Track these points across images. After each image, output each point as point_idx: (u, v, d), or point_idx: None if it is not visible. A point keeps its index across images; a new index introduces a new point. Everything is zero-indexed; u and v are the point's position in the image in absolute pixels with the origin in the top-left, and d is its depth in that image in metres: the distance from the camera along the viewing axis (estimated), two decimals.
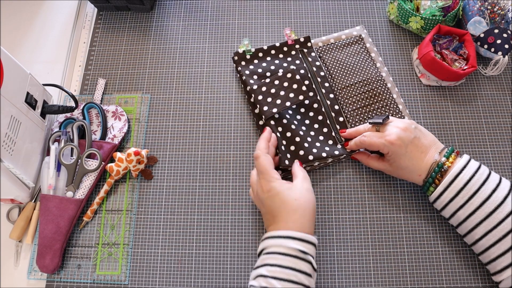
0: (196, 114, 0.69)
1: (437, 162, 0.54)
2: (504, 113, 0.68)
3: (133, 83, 0.72)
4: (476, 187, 0.52)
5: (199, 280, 0.59)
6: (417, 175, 0.56)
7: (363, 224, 0.61)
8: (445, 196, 0.54)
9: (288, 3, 0.78)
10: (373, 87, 0.68)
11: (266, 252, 0.51)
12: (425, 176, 0.56)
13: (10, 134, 0.56)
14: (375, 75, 0.69)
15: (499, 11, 0.67)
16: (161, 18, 0.78)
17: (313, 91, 0.67)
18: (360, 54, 0.71)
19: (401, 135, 0.55)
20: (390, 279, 0.58)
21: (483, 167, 0.54)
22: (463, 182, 0.53)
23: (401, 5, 0.70)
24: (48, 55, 0.76)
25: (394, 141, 0.55)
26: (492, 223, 0.51)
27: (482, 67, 0.71)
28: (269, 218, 0.54)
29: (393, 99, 0.67)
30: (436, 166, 0.54)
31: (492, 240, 0.51)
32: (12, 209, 0.64)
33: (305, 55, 0.71)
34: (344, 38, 0.73)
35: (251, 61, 0.71)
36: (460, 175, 0.53)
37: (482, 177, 0.53)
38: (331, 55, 0.71)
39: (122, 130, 0.67)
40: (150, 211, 0.63)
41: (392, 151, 0.56)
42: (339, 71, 0.69)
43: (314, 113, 0.66)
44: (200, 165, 0.66)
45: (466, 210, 0.53)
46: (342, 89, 0.68)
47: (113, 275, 0.60)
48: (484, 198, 0.52)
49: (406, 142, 0.55)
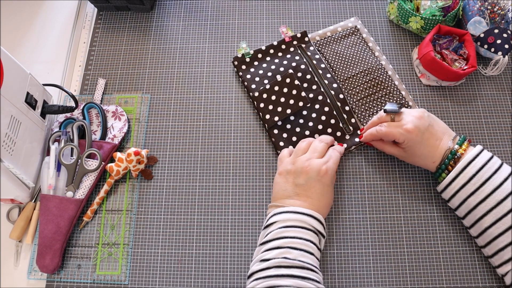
0: (196, 114, 0.69)
1: (451, 149, 0.56)
2: (504, 113, 0.68)
3: (133, 83, 0.72)
4: (488, 175, 0.53)
5: (199, 280, 0.59)
6: (431, 162, 0.57)
7: (363, 224, 0.61)
8: (456, 182, 0.55)
9: (288, 3, 0.78)
10: (374, 76, 0.69)
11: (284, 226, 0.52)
12: (439, 162, 0.57)
13: (10, 134, 0.56)
14: (375, 64, 0.70)
15: (499, 11, 0.67)
16: (161, 18, 0.78)
17: (316, 84, 0.68)
18: (358, 45, 0.72)
19: (417, 123, 0.56)
20: (390, 279, 0.58)
21: (496, 158, 0.55)
22: (475, 169, 0.53)
23: (401, 5, 0.70)
24: (48, 55, 0.76)
25: (411, 130, 0.56)
26: (502, 211, 0.51)
27: (482, 67, 0.71)
28: (297, 191, 0.56)
29: (395, 86, 0.68)
30: (450, 153, 0.55)
31: (501, 228, 0.52)
32: (12, 209, 0.64)
33: (304, 50, 0.71)
34: (340, 30, 0.74)
35: (251, 64, 0.71)
36: (473, 162, 0.54)
37: (495, 166, 0.53)
38: (330, 48, 0.72)
39: (122, 130, 0.67)
40: (150, 211, 0.63)
41: (408, 139, 0.56)
42: (339, 63, 0.70)
43: (320, 105, 0.66)
44: (200, 165, 0.66)
45: (477, 197, 0.53)
46: (344, 81, 0.69)
47: (113, 275, 0.60)
48: (495, 185, 0.52)
49: (423, 130, 0.56)
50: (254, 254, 0.53)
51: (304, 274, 0.48)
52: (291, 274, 0.47)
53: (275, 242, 0.51)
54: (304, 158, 0.57)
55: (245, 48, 0.72)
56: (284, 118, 0.66)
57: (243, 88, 0.71)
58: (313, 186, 0.55)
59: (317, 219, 0.53)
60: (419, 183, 0.63)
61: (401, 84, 0.69)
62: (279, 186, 0.57)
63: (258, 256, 0.51)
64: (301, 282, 0.47)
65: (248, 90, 0.69)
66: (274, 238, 0.51)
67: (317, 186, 0.55)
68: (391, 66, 0.71)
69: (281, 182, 0.57)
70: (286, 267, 0.48)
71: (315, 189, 0.55)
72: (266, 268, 0.49)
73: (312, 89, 0.67)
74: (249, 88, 0.69)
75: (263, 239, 0.53)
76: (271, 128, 0.66)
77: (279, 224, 0.52)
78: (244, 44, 0.72)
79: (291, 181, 0.56)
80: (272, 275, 0.48)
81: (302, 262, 0.48)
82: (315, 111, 0.66)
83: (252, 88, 0.69)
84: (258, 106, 0.67)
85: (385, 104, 0.67)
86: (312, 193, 0.55)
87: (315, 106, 0.66)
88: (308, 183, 0.55)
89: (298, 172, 0.56)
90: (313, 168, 0.55)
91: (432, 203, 0.62)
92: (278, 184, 0.58)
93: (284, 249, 0.49)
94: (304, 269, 0.48)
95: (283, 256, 0.49)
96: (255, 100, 0.68)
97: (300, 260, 0.49)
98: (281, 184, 0.57)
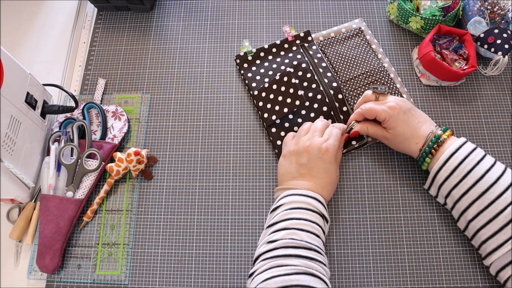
0: (196, 114, 0.69)
1: (434, 133, 0.56)
2: (504, 113, 0.68)
3: (133, 83, 0.72)
4: (470, 167, 0.53)
5: (199, 280, 0.59)
6: (414, 143, 0.57)
7: (363, 224, 0.61)
8: (440, 175, 0.55)
9: (288, 3, 0.78)
10: (376, 78, 0.69)
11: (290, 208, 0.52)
12: (422, 144, 0.57)
13: (10, 134, 0.56)
14: (378, 66, 0.70)
15: (499, 11, 0.67)
16: (161, 18, 0.78)
17: (316, 83, 0.68)
18: (361, 47, 0.72)
19: (400, 103, 0.58)
20: (390, 279, 0.58)
21: (479, 149, 0.55)
22: (458, 161, 0.54)
23: (401, 5, 0.70)
24: (48, 55, 0.76)
25: (393, 107, 0.58)
26: (483, 203, 0.52)
27: (482, 67, 0.71)
28: (302, 171, 0.57)
29: (396, 89, 0.69)
30: (434, 136, 0.56)
31: (483, 221, 0.52)
32: (12, 209, 0.64)
33: (306, 49, 0.71)
34: (344, 31, 0.74)
35: (253, 62, 0.71)
36: (455, 154, 0.54)
37: (477, 158, 0.53)
38: (333, 49, 0.72)
39: (122, 130, 0.67)
40: (150, 211, 0.63)
41: (390, 116, 0.57)
42: (341, 64, 0.70)
43: (318, 105, 0.66)
44: (200, 165, 0.66)
45: (459, 189, 0.54)
46: (346, 82, 0.69)
47: (113, 275, 0.60)
48: (477, 178, 0.52)
49: (404, 110, 0.58)
50: (261, 238, 0.54)
51: (311, 255, 0.48)
52: (299, 254, 0.48)
53: (282, 224, 0.51)
54: (306, 138, 0.59)
55: (247, 46, 0.72)
56: (282, 117, 0.66)
57: (243, 88, 0.71)
58: (315, 165, 0.56)
59: (321, 202, 0.54)
60: (419, 183, 0.63)
61: (402, 87, 0.69)
62: (283, 169, 0.59)
63: (265, 239, 0.51)
64: (308, 263, 0.47)
65: (249, 88, 0.70)
66: (281, 220, 0.52)
67: (319, 164, 0.56)
68: (394, 68, 0.71)
69: (285, 164, 0.59)
70: (293, 247, 0.48)
71: (317, 167, 0.56)
72: (273, 249, 0.49)
73: (312, 87, 0.67)
74: (250, 87, 0.69)
75: (270, 221, 0.53)
76: (269, 127, 0.66)
77: (285, 206, 0.53)
78: (247, 42, 0.72)
79: (294, 162, 0.58)
80: (280, 255, 0.48)
81: (309, 244, 0.49)
82: (314, 110, 0.66)
83: (252, 87, 0.69)
84: (258, 104, 0.67)
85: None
86: (316, 172, 0.56)
87: (314, 106, 0.66)
88: (311, 161, 0.56)
89: (300, 152, 0.57)
90: (314, 147, 0.57)
91: (432, 203, 0.62)
92: (282, 166, 0.59)
93: (291, 230, 0.50)
94: (312, 251, 0.49)
95: (290, 237, 0.49)
96: (255, 99, 0.68)
97: (307, 241, 0.49)
98: (286, 166, 0.59)
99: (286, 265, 0.47)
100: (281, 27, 0.76)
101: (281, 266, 0.47)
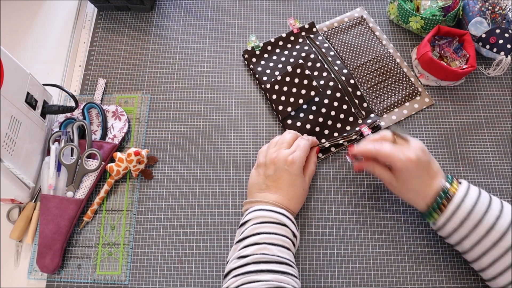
0: (196, 114, 0.69)
1: (443, 188, 0.53)
2: (504, 113, 0.68)
3: (133, 83, 0.72)
4: (479, 216, 0.50)
5: (199, 280, 0.59)
6: (422, 199, 0.54)
7: (363, 224, 0.61)
8: (449, 227, 0.52)
9: (288, 3, 0.78)
10: (383, 64, 0.70)
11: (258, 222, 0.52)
12: (429, 200, 0.53)
13: (10, 134, 0.56)
14: (384, 52, 0.71)
15: (500, 11, 0.67)
16: (161, 18, 0.78)
17: (326, 71, 0.68)
18: (365, 34, 0.73)
19: (420, 156, 0.53)
20: (390, 279, 0.58)
21: (483, 193, 0.53)
22: (466, 211, 0.51)
23: (401, 5, 0.70)
24: (48, 55, 0.76)
25: (413, 160, 0.52)
26: (498, 252, 0.49)
27: (484, 67, 0.71)
28: (268, 183, 0.57)
29: (404, 73, 0.70)
30: (442, 191, 0.53)
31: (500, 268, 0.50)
32: (12, 209, 0.64)
33: (312, 40, 0.72)
34: (347, 20, 0.75)
35: (261, 57, 0.72)
36: (462, 204, 0.51)
37: (484, 205, 0.51)
38: (338, 38, 0.73)
39: (122, 130, 0.67)
40: (150, 211, 0.63)
41: (406, 168, 0.53)
42: (348, 52, 0.72)
43: (331, 91, 0.66)
44: (200, 165, 0.66)
45: (470, 239, 0.51)
46: (354, 70, 0.70)
47: (113, 275, 0.60)
48: (488, 227, 0.50)
49: (422, 165, 0.53)
50: (230, 254, 0.53)
51: (283, 269, 0.48)
52: (271, 269, 0.48)
53: (252, 239, 0.51)
54: (273, 150, 0.59)
55: (254, 41, 0.73)
56: (297, 108, 0.66)
57: (243, 88, 0.71)
58: (281, 176, 0.56)
59: (289, 217, 0.54)
60: None
61: (409, 71, 0.70)
62: (252, 180, 0.59)
63: (235, 254, 0.51)
64: (280, 277, 0.47)
65: (259, 82, 0.70)
66: (250, 234, 0.51)
67: (285, 176, 0.56)
68: (399, 53, 0.72)
69: (254, 176, 0.59)
70: (265, 262, 0.48)
71: (283, 179, 0.56)
72: (245, 265, 0.49)
73: (323, 76, 0.68)
74: (261, 80, 0.70)
75: (239, 236, 0.53)
76: (284, 119, 0.66)
77: (254, 221, 0.53)
78: (254, 37, 0.73)
79: (262, 174, 0.58)
80: (251, 270, 0.48)
81: (281, 257, 0.49)
82: (327, 97, 0.66)
83: (263, 80, 0.70)
84: (271, 97, 0.68)
85: (395, 90, 0.68)
86: (281, 184, 0.56)
87: (327, 92, 0.67)
88: (277, 173, 0.56)
89: (268, 163, 0.58)
90: (280, 159, 0.57)
91: None
92: (251, 177, 0.60)
93: (262, 245, 0.50)
94: (283, 264, 0.49)
95: (262, 252, 0.49)
96: (267, 92, 0.68)
97: (278, 255, 0.49)
98: (254, 177, 0.59)
99: (258, 281, 0.47)
100: (282, 27, 0.76)
101: (253, 282, 0.47)
